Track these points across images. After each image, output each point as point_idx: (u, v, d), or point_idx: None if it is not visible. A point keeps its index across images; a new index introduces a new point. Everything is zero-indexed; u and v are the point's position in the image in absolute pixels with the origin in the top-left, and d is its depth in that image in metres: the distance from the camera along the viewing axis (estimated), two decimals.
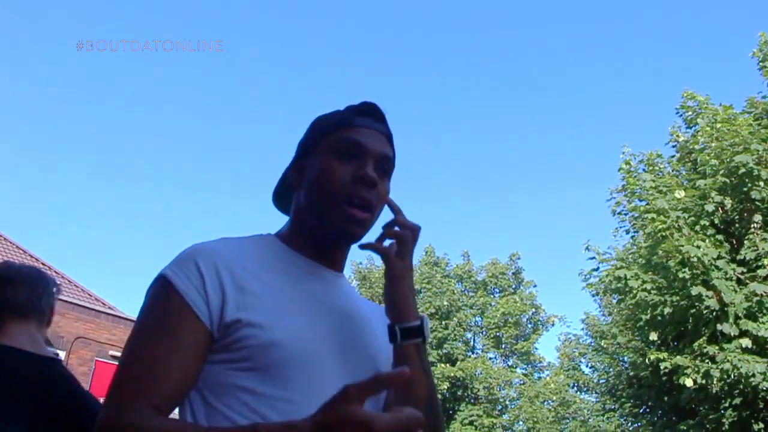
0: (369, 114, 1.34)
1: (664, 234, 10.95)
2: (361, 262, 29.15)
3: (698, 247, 10.64)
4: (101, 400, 1.14)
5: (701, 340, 10.85)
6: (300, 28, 50.68)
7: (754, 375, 9.90)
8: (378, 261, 29.00)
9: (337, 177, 1.25)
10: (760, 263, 10.90)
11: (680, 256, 10.68)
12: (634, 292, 11.31)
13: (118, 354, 21.02)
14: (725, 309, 10.48)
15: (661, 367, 11.02)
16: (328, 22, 50.23)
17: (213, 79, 48.97)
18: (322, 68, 50.75)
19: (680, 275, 10.68)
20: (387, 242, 1.33)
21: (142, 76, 46.28)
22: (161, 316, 1.14)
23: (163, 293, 1.15)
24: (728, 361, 10.05)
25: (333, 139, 1.29)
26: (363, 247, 1.32)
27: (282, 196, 1.43)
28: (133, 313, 24.26)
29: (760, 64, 13.13)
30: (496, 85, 49.55)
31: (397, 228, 1.32)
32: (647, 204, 11.88)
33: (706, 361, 10.66)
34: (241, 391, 1.13)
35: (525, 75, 48.84)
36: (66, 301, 20.55)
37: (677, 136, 13.01)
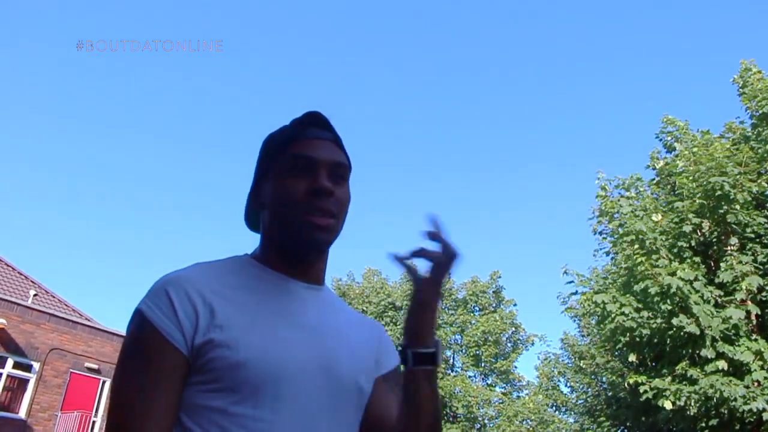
0: (314, 124, 1.36)
1: (641, 261, 11.03)
2: (341, 278, 29.15)
3: (676, 274, 10.73)
4: (75, 413, 1.15)
5: (683, 363, 10.92)
6: (300, 28, 50.90)
7: (735, 399, 9.98)
8: (358, 277, 29.08)
9: (293, 194, 1.27)
10: (736, 286, 11.01)
11: (659, 287, 10.77)
12: (613, 316, 11.37)
13: (95, 366, 20.75)
14: (703, 333, 10.57)
15: (641, 390, 11.07)
16: (328, 22, 50.37)
17: (213, 79, 48.95)
18: (322, 68, 50.89)
19: (662, 306, 10.77)
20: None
21: (142, 76, 46.19)
22: (140, 352, 1.17)
23: (138, 329, 1.19)
24: (712, 385, 10.13)
25: (284, 158, 1.31)
26: (397, 259, 1.27)
27: (251, 218, 1.43)
28: (111, 324, 23.96)
29: (740, 90, 13.35)
30: (480, 106, 49.91)
31: (437, 249, 1.26)
32: (625, 225, 11.99)
33: (685, 383, 10.73)
34: (212, 411, 1.14)
35: (507, 98, 49.27)
36: (41, 311, 20.29)
37: (656, 160, 13.17)
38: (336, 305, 1.38)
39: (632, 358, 11.82)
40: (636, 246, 11.23)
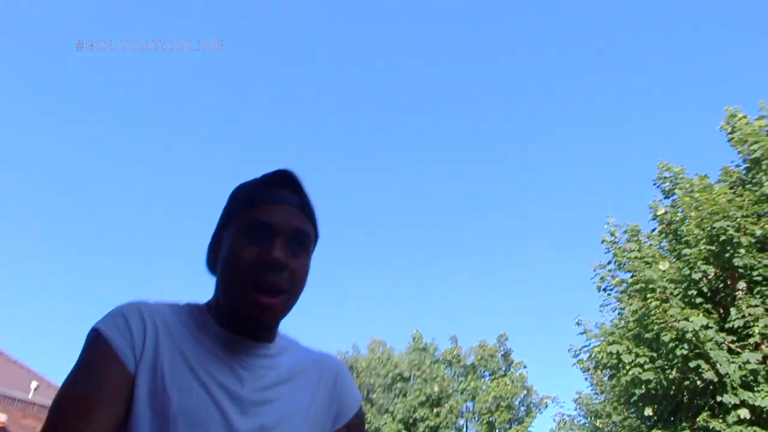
0: (280, 186, 1.29)
1: (655, 305, 10.90)
2: (347, 351, 28.74)
3: (689, 320, 10.60)
4: None
5: (704, 414, 10.63)
6: (300, 28, 51.59)
7: None
8: (363, 349, 28.69)
9: (243, 260, 1.22)
10: (749, 330, 10.84)
11: (675, 332, 10.61)
12: (627, 367, 11.14)
13: None
14: (723, 380, 10.34)
15: None
16: (328, 22, 51.10)
17: (213, 79, 49.47)
18: (322, 68, 51.35)
19: (678, 352, 10.57)
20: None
21: (142, 76, 46.74)
22: (90, 365, 1.17)
23: (92, 344, 1.19)
24: None
25: (244, 217, 1.26)
26: None
27: (210, 261, 1.37)
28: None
29: (729, 135, 13.44)
30: (481, 163, 50.31)
31: None
32: (633, 275, 11.89)
33: None
34: None
35: (507, 152, 49.77)
36: (43, 405, 19.86)
37: (657, 209, 13.17)
38: (284, 362, 1.32)
39: (649, 412, 11.52)
40: (648, 294, 11.12)
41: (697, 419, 10.70)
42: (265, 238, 1.22)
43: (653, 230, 13.45)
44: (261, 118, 51.18)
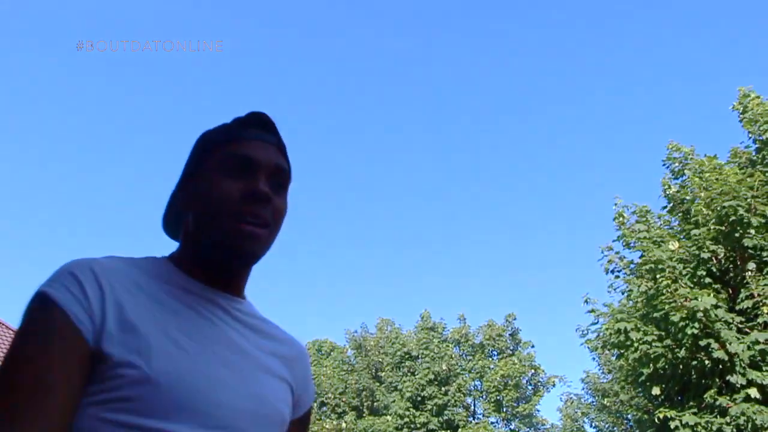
0: (258, 125, 1.26)
1: (666, 285, 10.91)
2: (356, 330, 28.90)
3: (698, 299, 10.62)
4: None
5: (711, 391, 10.69)
6: (300, 28, 51.46)
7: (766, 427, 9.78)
8: (372, 328, 28.88)
9: (227, 195, 1.14)
10: (758, 311, 10.86)
11: (685, 311, 10.63)
12: (636, 345, 11.18)
13: None
14: (732, 359, 10.38)
15: (671, 426, 10.78)
16: (328, 22, 50.93)
17: (213, 79, 49.50)
18: (322, 68, 51.26)
19: (688, 331, 10.60)
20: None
21: (143, 75, 46.87)
22: (40, 334, 1.01)
23: (41, 309, 1.03)
24: (743, 413, 9.91)
25: (220, 155, 1.19)
26: None
27: (171, 222, 1.30)
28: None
29: (741, 116, 13.37)
30: (492, 140, 50.18)
31: None
32: (642, 255, 11.89)
33: (715, 414, 10.48)
34: (114, 426, 0.99)
35: (516, 131, 49.58)
36: None
37: (668, 187, 13.13)
38: (259, 324, 1.25)
39: (656, 391, 11.58)
40: (657, 273, 11.13)
41: (705, 396, 10.76)
42: (247, 173, 1.17)
43: (663, 208, 13.44)
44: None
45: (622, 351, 12.03)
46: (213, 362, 1.08)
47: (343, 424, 24.48)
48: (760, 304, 10.86)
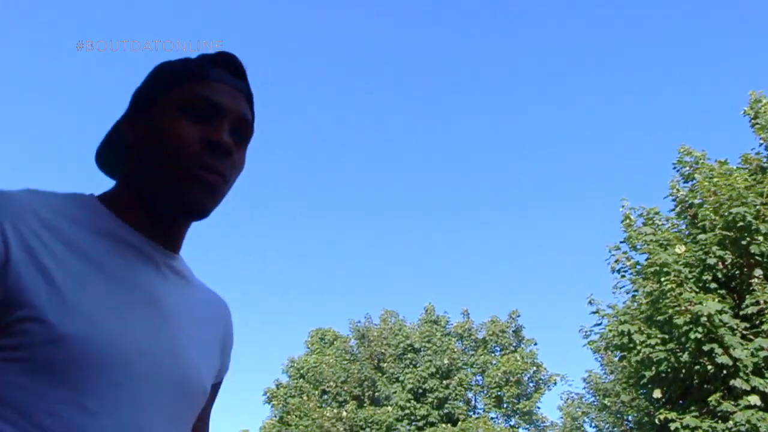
0: (227, 67, 1.12)
1: (670, 288, 10.92)
2: (359, 320, 28.98)
3: (703, 304, 10.62)
4: None
5: (716, 395, 10.70)
6: (300, 28, 51.39)
7: None
8: (376, 319, 28.95)
9: (185, 140, 1.01)
10: (763, 318, 10.85)
11: (689, 316, 10.64)
12: (638, 348, 11.20)
13: None
14: (736, 364, 10.39)
15: (672, 428, 10.81)
16: (328, 21, 50.82)
17: None
18: (322, 68, 51.21)
19: (691, 335, 10.60)
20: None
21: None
22: None
23: None
24: (748, 420, 9.92)
25: (182, 93, 1.05)
26: None
27: (108, 156, 1.16)
28: None
29: (752, 121, 13.30)
30: (503, 136, 50.03)
31: None
32: (648, 258, 11.89)
33: (717, 419, 10.50)
34: (12, 388, 0.86)
35: (526, 127, 49.42)
36: None
37: (676, 190, 13.11)
38: (190, 282, 1.13)
39: (657, 394, 11.60)
40: (662, 277, 11.14)
41: (709, 400, 10.77)
42: (210, 119, 1.04)
43: (671, 210, 13.42)
44: (261, 118, 51.06)
45: (624, 353, 12.05)
46: (138, 325, 0.95)
47: (344, 413, 24.62)
48: (766, 311, 10.85)
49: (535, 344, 27.39)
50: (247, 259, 50.89)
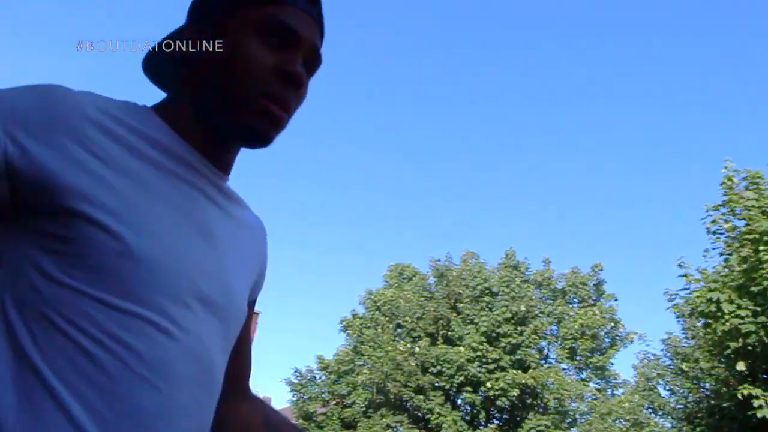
0: None
1: (765, 259, 10.38)
2: (440, 259, 29.04)
3: None
4: None
5: None
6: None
7: None
8: (456, 259, 28.92)
9: (258, 64, 0.97)
10: None
11: None
12: (726, 317, 10.77)
13: None
14: None
15: (755, 405, 10.43)
16: (329, 21, 50.05)
17: None
18: (322, 68, 50.77)
19: None
20: None
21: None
22: None
23: None
24: None
25: (259, 14, 0.99)
26: None
27: (163, 65, 1.10)
28: None
29: None
30: (598, 86, 48.27)
31: None
32: (748, 224, 11.31)
33: None
34: (88, 300, 0.83)
35: (626, 78, 47.44)
36: None
37: None
38: (236, 203, 1.11)
39: (741, 366, 11.19)
40: (761, 246, 10.58)
41: None
42: (284, 46, 1.00)
43: None
44: (350, 44, 50.54)
45: (710, 321, 11.63)
46: (195, 248, 0.94)
47: (417, 349, 24.99)
48: None
49: (615, 300, 26.83)
50: (332, 190, 51.58)
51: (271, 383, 64.10)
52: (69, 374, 0.80)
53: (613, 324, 26.03)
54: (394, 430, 24.49)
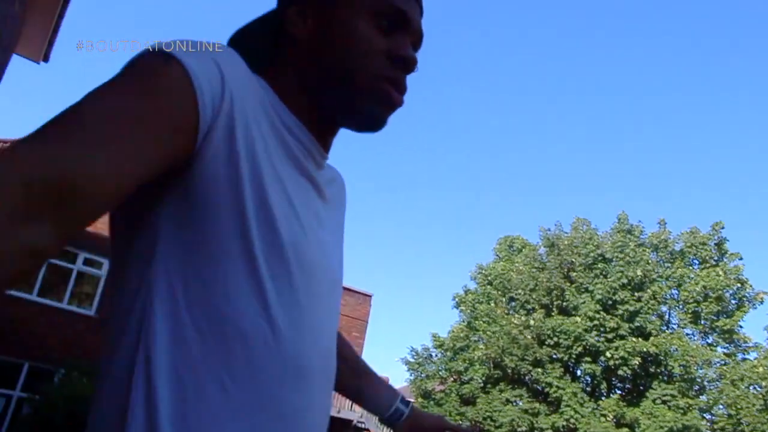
0: None
1: None
2: (549, 228, 28.49)
3: None
4: None
5: None
6: None
7: None
8: (567, 227, 28.24)
9: (374, 47, 0.96)
10: None
11: None
12: None
13: None
14: None
15: None
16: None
17: None
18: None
19: None
20: None
21: None
22: (144, 80, 0.78)
23: (157, 60, 0.79)
24: None
25: None
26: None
27: (262, 39, 1.06)
28: None
29: None
30: (694, 45, 45.42)
31: None
32: None
33: None
34: (256, 283, 0.84)
35: (744, 31, 44.35)
36: None
37: None
38: (331, 179, 1.11)
39: None
40: None
41: None
42: (397, 32, 0.99)
43: None
44: (458, 25, 49.51)
45: None
46: (311, 234, 0.94)
47: (531, 321, 24.70)
48: None
49: (740, 259, 25.37)
50: (439, 168, 51.32)
51: (388, 363, 65.26)
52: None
53: (739, 284, 24.67)
54: (514, 404, 24.41)
